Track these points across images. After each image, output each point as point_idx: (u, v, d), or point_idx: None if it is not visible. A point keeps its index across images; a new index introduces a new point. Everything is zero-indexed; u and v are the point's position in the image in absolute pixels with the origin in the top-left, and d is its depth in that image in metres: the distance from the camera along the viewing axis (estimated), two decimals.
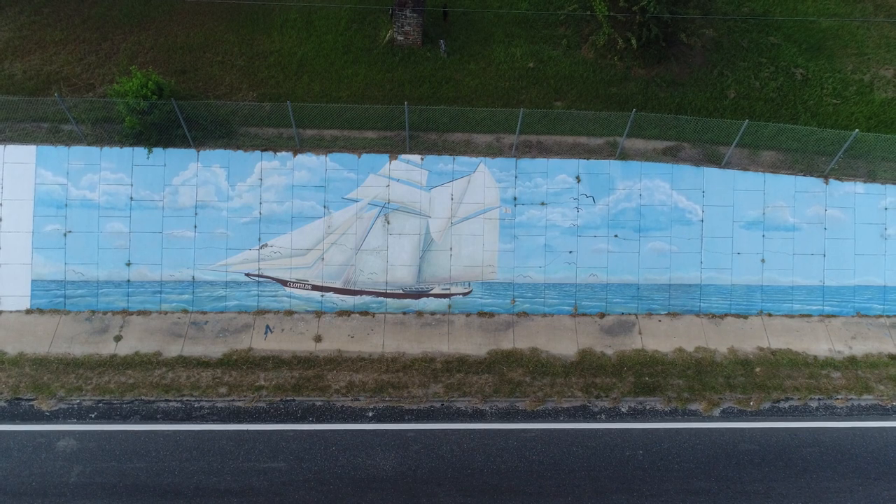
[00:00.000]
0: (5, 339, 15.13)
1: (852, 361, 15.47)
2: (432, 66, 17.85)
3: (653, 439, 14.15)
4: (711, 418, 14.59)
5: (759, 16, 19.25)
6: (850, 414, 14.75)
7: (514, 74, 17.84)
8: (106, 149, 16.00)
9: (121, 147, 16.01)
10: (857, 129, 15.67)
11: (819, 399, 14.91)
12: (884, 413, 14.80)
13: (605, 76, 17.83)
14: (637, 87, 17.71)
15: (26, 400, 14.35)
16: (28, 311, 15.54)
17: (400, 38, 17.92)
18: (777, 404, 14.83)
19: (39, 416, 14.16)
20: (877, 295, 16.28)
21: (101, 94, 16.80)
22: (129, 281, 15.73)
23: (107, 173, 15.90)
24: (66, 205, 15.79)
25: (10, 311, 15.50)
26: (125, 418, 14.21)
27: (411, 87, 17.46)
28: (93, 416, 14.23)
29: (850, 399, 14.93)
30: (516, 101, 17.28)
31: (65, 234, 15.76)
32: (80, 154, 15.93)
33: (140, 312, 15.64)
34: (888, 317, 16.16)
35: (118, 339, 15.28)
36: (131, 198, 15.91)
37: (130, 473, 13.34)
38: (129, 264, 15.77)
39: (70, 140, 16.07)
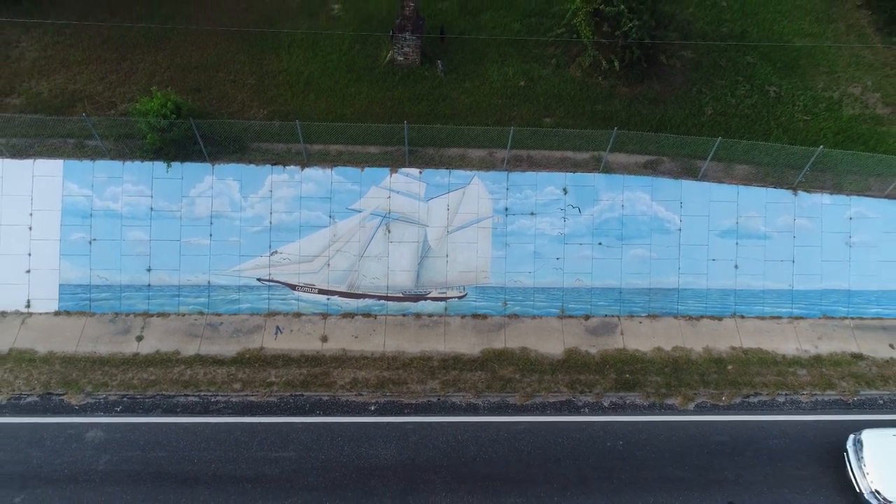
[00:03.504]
0: (36, 338, 16.38)
1: (818, 360, 16.72)
2: (430, 85, 19.10)
3: (632, 431, 15.38)
4: (686, 412, 15.83)
5: (736, 38, 20.48)
6: (815, 408, 15.99)
7: (506, 92, 19.10)
8: (128, 163, 17.27)
9: (142, 161, 17.27)
10: (821, 146, 16.92)
11: (786, 394, 16.15)
12: (845, 407, 16.04)
13: (592, 94, 19.10)
14: (621, 104, 18.97)
15: (57, 395, 15.59)
16: (56, 313, 16.79)
17: (400, 58, 19.18)
18: (747, 399, 16.07)
19: (69, 410, 15.41)
20: (842, 298, 17.53)
21: (123, 112, 18.06)
22: (149, 285, 16.98)
23: (129, 185, 17.16)
24: (91, 215, 17.05)
25: (40, 313, 16.75)
26: (148, 412, 15.45)
27: (410, 105, 18.71)
28: (118, 409, 15.47)
29: (815, 395, 16.17)
30: (508, 117, 18.54)
31: (90, 242, 17.01)
32: (104, 168, 17.20)
33: (160, 314, 16.89)
34: (852, 319, 17.41)
35: (140, 339, 16.52)
36: (151, 208, 17.17)
37: (153, 462, 14.59)
38: (149, 270, 17.02)
39: (95, 155, 17.33)
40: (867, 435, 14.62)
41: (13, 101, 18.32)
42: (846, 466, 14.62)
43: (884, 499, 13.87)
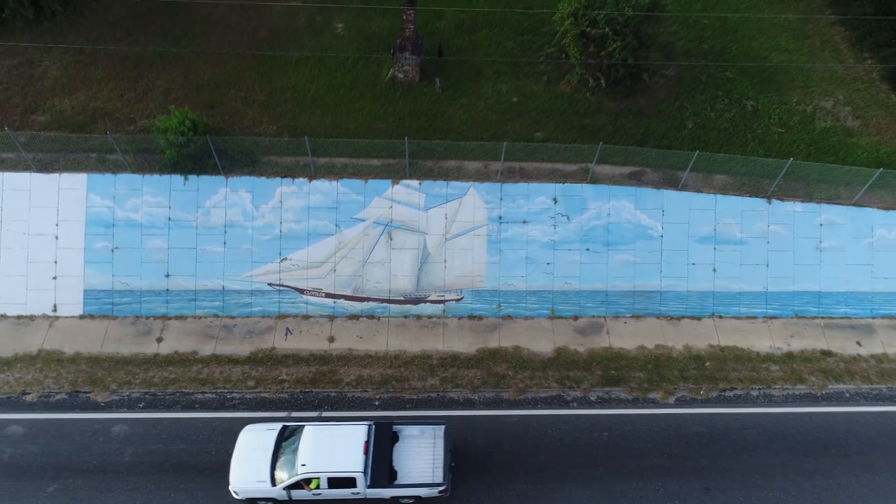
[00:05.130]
0: (63, 340, 17.60)
1: (789, 356, 17.99)
2: (429, 101, 20.34)
3: (617, 423, 16.62)
4: (667, 405, 17.09)
5: (716, 55, 21.70)
6: (786, 401, 17.26)
7: (500, 108, 20.35)
8: (147, 176, 18.50)
9: (160, 174, 18.50)
10: (792, 158, 18.21)
11: (759, 388, 17.42)
12: (814, 400, 17.31)
13: (580, 109, 20.35)
14: (607, 118, 20.23)
15: (84, 392, 16.81)
16: (81, 317, 17.99)
17: (400, 75, 20.43)
18: (723, 393, 17.33)
19: (95, 406, 16.62)
20: (813, 299, 18.82)
21: (141, 127, 19.28)
22: (167, 290, 18.20)
23: (148, 197, 18.39)
24: (113, 225, 18.28)
25: (66, 317, 17.95)
26: (168, 407, 16.67)
27: (411, 119, 19.95)
28: (141, 405, 16.69)
29: (786, 388, 17.44)
30: (502, 131, 19.78)
31: (112, 250, 18.24)
32: (125, 181, 18.43)
33: (178, 317, 18.10)
34: (822, 318, 18.69)
35: (160, 340, 17.74)
36: (169, 218, 18.40)
37: (175, 454, 15.79)
38: (167, 276, 18.25)
39: (116, 168, 18.56)
40: (246, 429, 14.90)
41: (38, 117, 19.54)
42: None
43: (233, 490, 14.32)
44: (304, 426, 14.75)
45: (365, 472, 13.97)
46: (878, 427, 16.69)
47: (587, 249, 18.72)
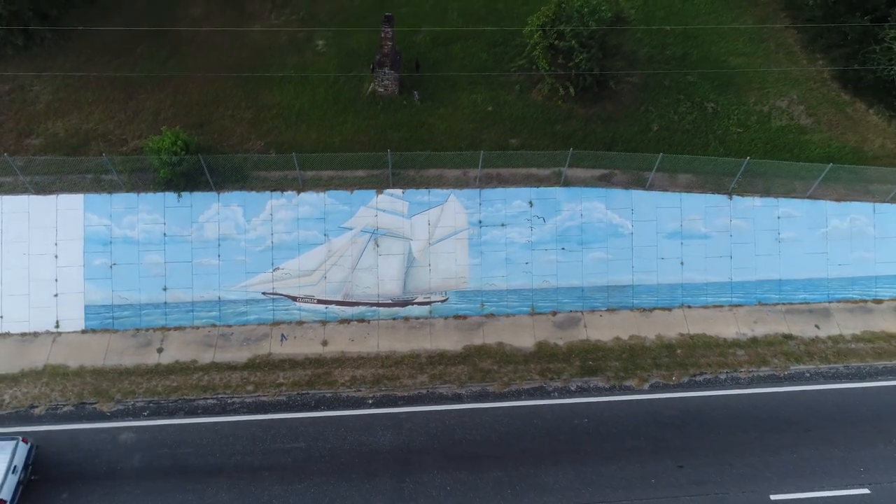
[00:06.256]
0: (67, 354, 18.35)
1: (754, 341, 19.29)
2: (408, 113, 21.38)
3: (595, 410, 17.77)
4: (642, 391, 18.28)
5: (678, 60, 22.99)
6: (751, 383, 18.54)
7: (476, 117, 21.44)
8: (142, 194, 19.32)
9: (154, 192, 19.33)
10: (748, 157, 19.53)
11: (727, 372, 18.68)
12: (777, 381, 18.62)
13: (552, 116, 21.52)
14: (578, 124, 21.42)
15: (90, 403, 17.59)
16: (83, 332, 18.76)
17: (381, 90, 21.44)
18: (694, 378, 18.58)
19: (102, 416, 17.41)
20: (774, 287, 20.16)
21: (134, 148, 20.09)
22: (166, 303, 19.03)
23: (144, 214, 19.22)
24: (110, 242, 19.07)
25: (69, 332, 18.71)
26: (172, 414, 17.51)
27: (392, 132, 20.97)
28: (145, 413, 17.52)
29: (752, 371, 18.73)
30: (479, 139, 20.87)
31: (111, 267, 19.03)
32: (121, 200, 19.24)
33: (177, 328, 18.94)
34: (783, 304, 20.04)
35: (160, 350, 18.57)
36: (165, 234, 19.24)
37: (181, 457, 16.63)
38: (165, 289, 19.08)
39: (111, 188, 19.35)
40: None
41: (33, 141, 20.26)
42: None
43: None
44: None
45: None
46: (836, 403, 18.03)
47: (563, 249, 19.88)
